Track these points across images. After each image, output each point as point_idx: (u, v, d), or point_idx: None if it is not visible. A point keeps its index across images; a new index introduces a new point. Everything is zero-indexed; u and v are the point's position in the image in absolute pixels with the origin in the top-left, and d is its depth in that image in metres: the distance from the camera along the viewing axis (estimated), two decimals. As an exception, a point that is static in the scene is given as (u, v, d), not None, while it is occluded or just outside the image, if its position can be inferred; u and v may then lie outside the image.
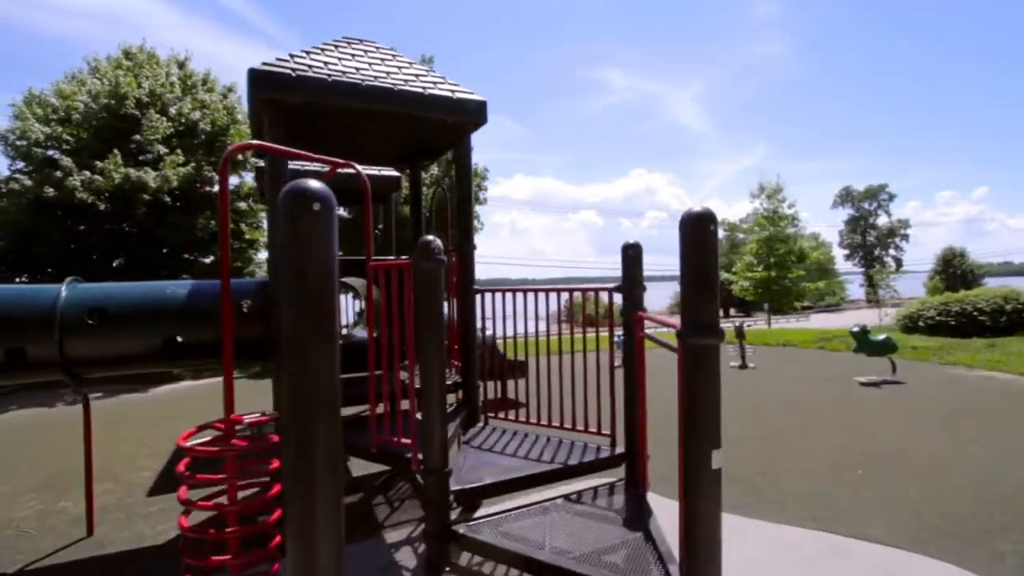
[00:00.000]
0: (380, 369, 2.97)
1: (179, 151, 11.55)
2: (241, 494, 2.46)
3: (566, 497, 2.99)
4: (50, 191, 10.07)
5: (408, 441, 2.78)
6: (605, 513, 2.84)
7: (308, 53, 3.72)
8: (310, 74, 3.41)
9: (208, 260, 12.70)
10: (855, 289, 65.89)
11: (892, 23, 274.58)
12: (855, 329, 8.30)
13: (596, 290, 3.58)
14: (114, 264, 12.03)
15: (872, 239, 68.52)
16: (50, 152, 10.97)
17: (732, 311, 65.23)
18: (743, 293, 19.22)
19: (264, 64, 3.34)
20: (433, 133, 4.39)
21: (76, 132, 11.11)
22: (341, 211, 14.14)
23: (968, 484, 4.25)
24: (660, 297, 72.81)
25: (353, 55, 3.95)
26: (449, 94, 3.85)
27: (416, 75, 3.97)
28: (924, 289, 35.37)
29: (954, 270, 36.35)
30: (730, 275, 20.56)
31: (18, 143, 10.62)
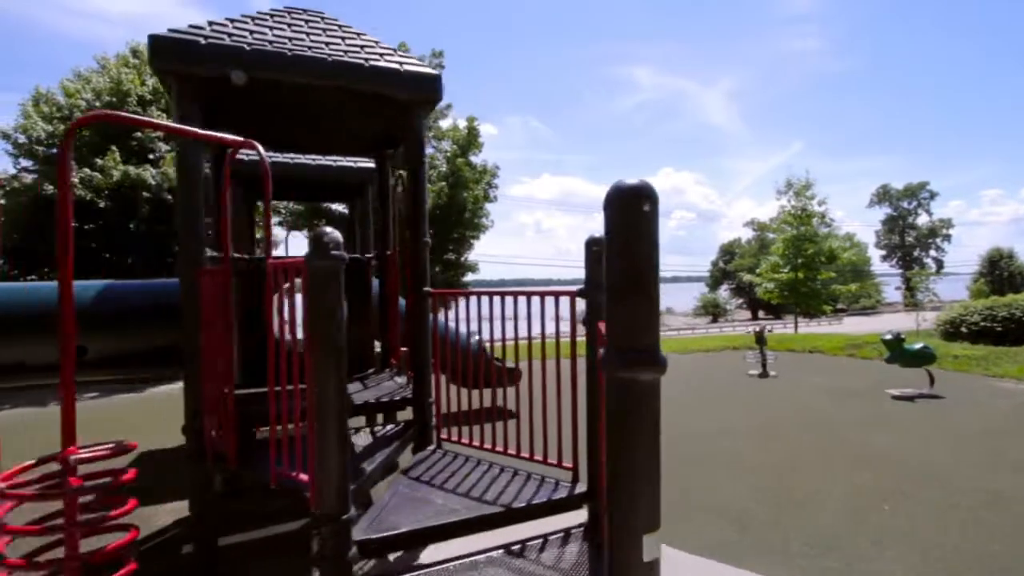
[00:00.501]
0: (285, 384, 2.48)
1: (180, 149, 11.41)
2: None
3: (507, 549, 2.44)
4: (50, 188, 10.02)
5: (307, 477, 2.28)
6: (551, 571, 2.29)
7: (232, 21, 3.26)
8: (226, 43, 2.95)
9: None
10: (892, 292, 63.03)
11: (933, 14, 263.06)
12: (888, 336, 7.47)
13: (556, 294, 3.02)
14: (129, 262, 12.00)
15: (911, 239, 65.43)
16: (53, 150, 10.96)
17: (761, 314, 63.24)
18: (768, 296, 18.06)
19: (171, 31, 2.90)
20: (393, 115, 3.89)
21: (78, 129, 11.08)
22: (342, 208, 13.80)
23: (1021, 525, 3.53)
24: (686, 299, 71.22)
25: (291, 24, 3.48)
26: (396, 67, 3.34)
27: (362, 46, 3.47)
28: (967, 292, 33.28)
29: (1001, 272, 34.03)
30: (754, 277, 19.36)
31: (20, 140, 10.63)
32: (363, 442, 3.40)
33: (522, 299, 3.24)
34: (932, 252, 64.69)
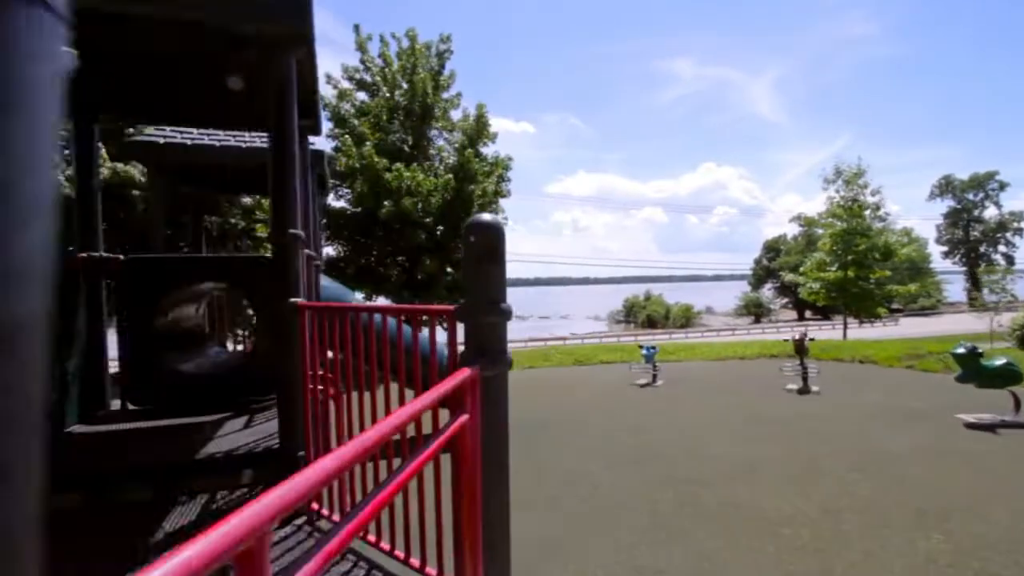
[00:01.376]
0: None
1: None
2: None
3: None
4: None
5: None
6: None
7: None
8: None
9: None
10: (955, 291, 58.40)
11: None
12: (960, 350, 6.14)
13: (433, 312, 2.11)
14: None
15: (976, 234, 60.39)
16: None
17: (807, 314, 59.66)
18: (812, 297, 16.22)
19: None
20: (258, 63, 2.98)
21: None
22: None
23: None
24: (727, 298, 68.21)
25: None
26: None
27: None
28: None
29: (1084, 270, 30.31)
30: (797, 276, 17.43)
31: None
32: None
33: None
34: (1001, 248, 59.48)
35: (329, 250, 13.40)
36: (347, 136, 11.98)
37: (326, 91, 14.45)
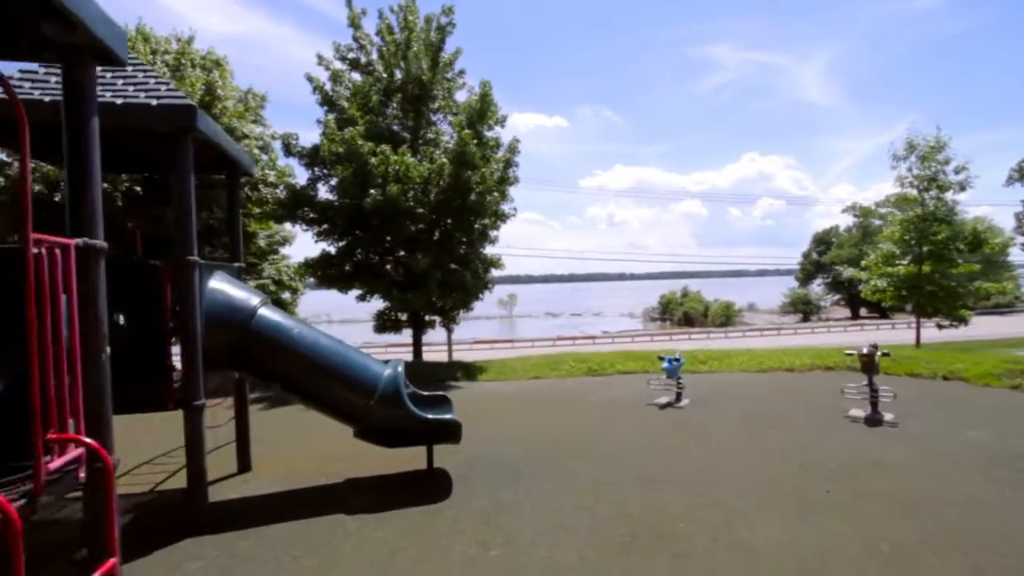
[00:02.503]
0: None
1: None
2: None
3: None
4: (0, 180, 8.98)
5: None
6: None
7: None
8: None
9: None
10: (1033, 285, 52.74)
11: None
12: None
13: None
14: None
15: (1061, 223, 54.18)
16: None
17: (862, 312, 55.21)
18: (878, 296, 13.65)
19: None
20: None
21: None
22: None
23: None
24: (772, 294, 64.11)
25: None
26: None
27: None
28: None
29: None
30: (857, 272, 14.90)
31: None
32: None
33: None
34: (1092, 238, 53.20)
35: (324, 247, 12.24)
36: (331, 119, 10.73)
37: (317, 73, 13.27)
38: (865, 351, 6.43)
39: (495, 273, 13.90)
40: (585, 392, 8.60)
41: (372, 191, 9.83)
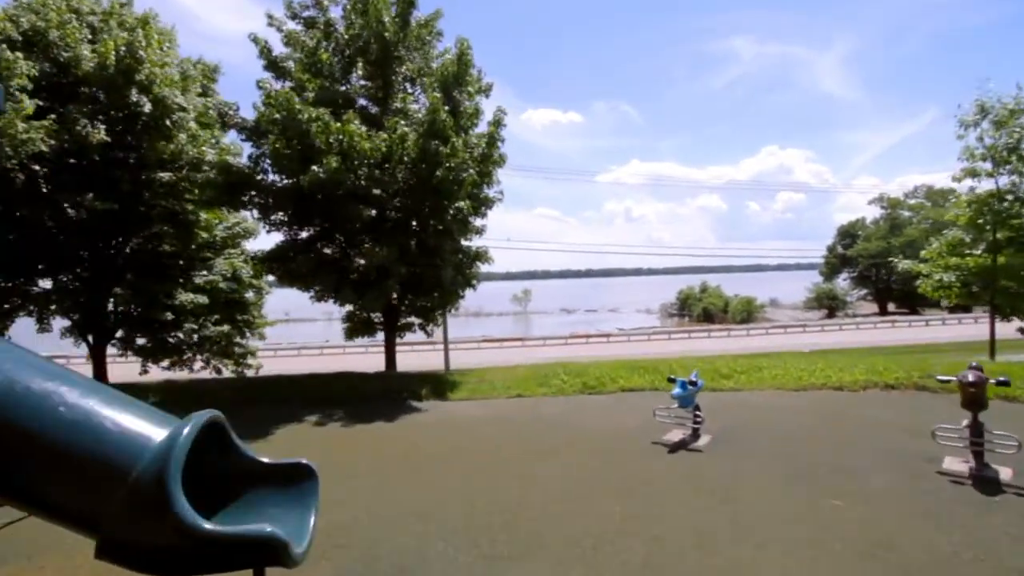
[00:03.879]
0: None
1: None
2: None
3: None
4: None
5: None
6: None
7: None
8: None
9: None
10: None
11: None
12: None
13: None
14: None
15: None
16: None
17: (891, 307, 52.02)
18: (940, 293, 11.13)
19: None
20: None
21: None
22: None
23: None
24: (794, 289, 61.03)
25: None
26: None
27: None
28: None
29: None
30: (915, 264, 12.38)
31: None
32: None
33: None
34: None
35: (279, 236, 10.49)
36: (267, 79, 8.95)
37: (268, 34, 11.45)
38: (971, 379, 4.39)
39: (484, 269, 12.04)
40: (575, 420, 6.69)
41: (314, 167, 8.00)
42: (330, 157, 7.72)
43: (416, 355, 19.50)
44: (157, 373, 12.00)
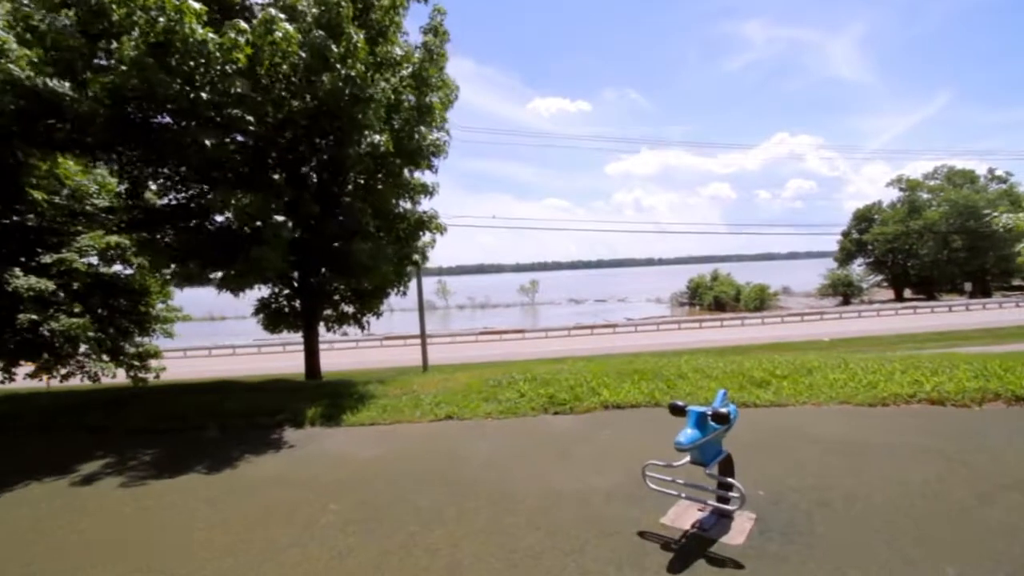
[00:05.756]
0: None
1: None
2: None
3: None
4: None
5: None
6: None
7: None
8: None
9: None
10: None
11: None
12: None
13: None
14: None
15: None
16: None
17: (907, 293, 48.83)
18: None
19: None
20: None
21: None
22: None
23: None
24: (807, 276, 57.82)
25: None
26: None
27: None
28: None
29: None
30: (1020, 219, 9.47)
31: None
32: None
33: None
34: None
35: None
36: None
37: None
38: None
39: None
40: (514, 471, 4.00)
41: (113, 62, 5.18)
42: (126, 40, 4.92)
43: (397, 351, 16.79)
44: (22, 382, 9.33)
